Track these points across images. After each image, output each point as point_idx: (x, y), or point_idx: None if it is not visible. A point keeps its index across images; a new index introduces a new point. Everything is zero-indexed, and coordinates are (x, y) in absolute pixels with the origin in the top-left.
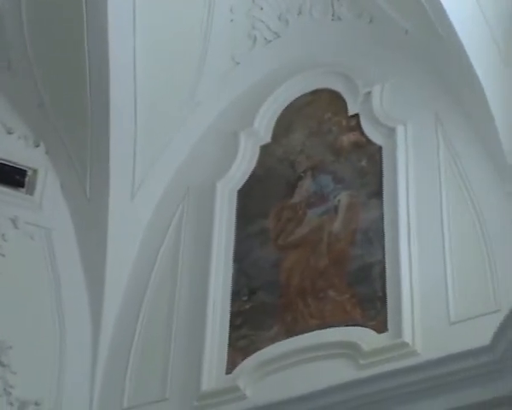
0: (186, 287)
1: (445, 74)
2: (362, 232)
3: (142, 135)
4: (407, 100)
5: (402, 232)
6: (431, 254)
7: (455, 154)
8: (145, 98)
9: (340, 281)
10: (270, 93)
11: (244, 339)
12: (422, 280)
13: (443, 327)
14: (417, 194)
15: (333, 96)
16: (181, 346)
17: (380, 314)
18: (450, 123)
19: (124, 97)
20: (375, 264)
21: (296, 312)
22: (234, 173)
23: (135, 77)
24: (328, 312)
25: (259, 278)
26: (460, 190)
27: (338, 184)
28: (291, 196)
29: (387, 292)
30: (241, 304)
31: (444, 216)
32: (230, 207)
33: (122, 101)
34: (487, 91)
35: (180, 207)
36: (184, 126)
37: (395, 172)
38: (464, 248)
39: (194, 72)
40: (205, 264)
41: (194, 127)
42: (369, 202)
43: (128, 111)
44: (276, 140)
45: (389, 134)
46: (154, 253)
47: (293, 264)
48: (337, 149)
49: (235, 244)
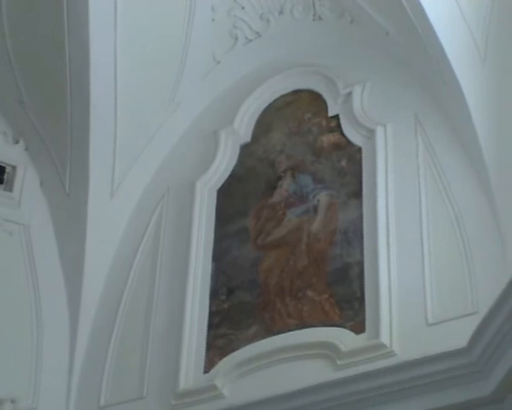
0: (165, 286)
1: (425, 76)
2: (341, 233)
3: (123, 134)
4: (387, 101)
5: (381, 233)
6: (409, 256)
7: (434, 155)
8: (125, 97)
9: (319, 281)
10: (251, 92)
11: (222, 338)
12: (400, 281)
13: (420, 329)
14: (396, 195)
15: (313, 97)
16: (159, 344)
17: (358, 315)
18: (430, 124)
19: (104, 96)
20: (353, 264)
21: (274, 311)
22: (213, 173)
23: (115, 75)
24: (306, 312)
25: (238, 278)
26: (439, 191)
27: (318, 184)
28: (271, 196)
29: (366, 293)
30: (219, 303)
31: (422, 217)
32: (210, 206)
33: (102, 99)
34: (466, 92)
35: (159, 206)
36: (165, 126)
37: (374, 173)
38: (442, 249)
39: (175, 71)
40: (184, 263)
41: (175, 127)
42: (348, 203)
43: (108, 110)
44: (256, 140)
45: (369, 135)
46: (132, 252)
47: (272, 264)
48: (317, 149)
49: (215, 243)
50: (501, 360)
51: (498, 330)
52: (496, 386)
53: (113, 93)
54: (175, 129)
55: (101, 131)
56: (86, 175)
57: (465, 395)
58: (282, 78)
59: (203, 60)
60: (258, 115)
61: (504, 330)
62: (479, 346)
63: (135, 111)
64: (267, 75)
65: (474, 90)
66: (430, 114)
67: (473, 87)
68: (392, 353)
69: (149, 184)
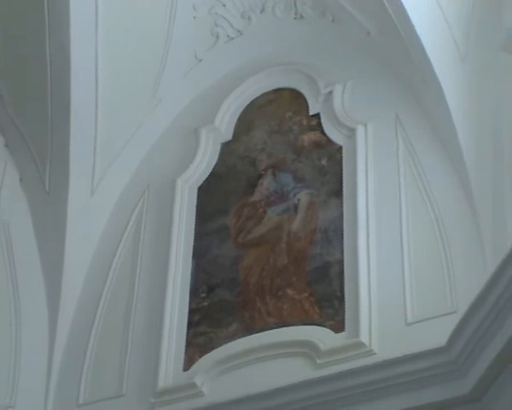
0: (145, 283)
1: (406, 75)
2: (321, 231)
3: (103, 131)
4: (368, 100)
5: (361, 232)
6: (389, 255)
7: (414, 154)
8: (106, 94)
9: (299, 280)
10: (232, 91)
11: (202, 336)
12: (380, 280)
13: (400, 328)
14: (377, 194)
15: (294, 96)
16: (138, 342)
17: (337, 314)
18: (410, 123)
19: (85, 92)
20: (333, 263)
21: (254, 310)
22: (194, 170)
23: (96, 72)
24: (286, 310)
25: (218, 276)
26: (419, 190)
27: (298, 182)
28: (251, 194)
29: (345, 292)
30: (199, 301)
31: (402, 217)
32: (190, 203)
33: (83, 96)
34: (446, 91)
35: (140, 203)
36: (146, 123)
37: (355, 172)
38: (422, 249)
39: (157, 69)
40: (164, 260)
41: (156, 124)
42: (328, 202)
43: (89, 107)
44: (237, 138)
45: (349, 134)
46: (112, 249)
47: (252, 262)
48: (298, 148)
49: (195, 241)
50: (479, 358)
51: (477, 329)
52: (474, 384)
53: (93, 90)
54: (156, 126)
55: (82, 127)
56: (66, 172)
57: (444, 393)
58: (264, 76)
59: (185, 58)
60: (240, 113)
61: (483, 329)
62: (457, 345)
63: (115, 108)
64: (248, 73)
65: (454, 89)
66: (411, 114)
67: (453, 86)
68: (371, 352)
69: (130, 182)
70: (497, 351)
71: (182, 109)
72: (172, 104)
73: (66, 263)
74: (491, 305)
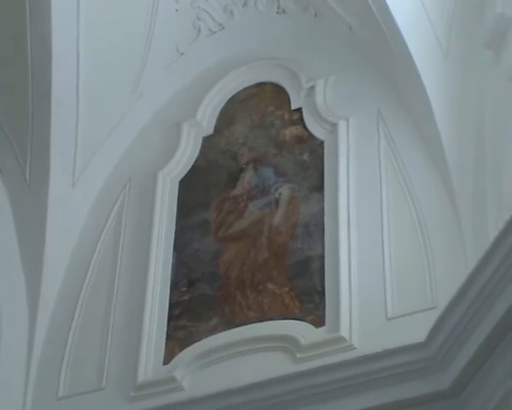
0: (125, 276)
1: (388, 70)
2: (302, 226)
3: (84, 123)
4: (350, 95)
5: (342, 227)
6: (370, 250)
7: (395, 149)
8: (88, 86)
9: (280, 274)
10: (214, 84)
11: (182, 330)
12: (361, 275)
13: (380, 323)
14: (358, 189)
15: (276, 90)
16: (118, 335)
17: (318, 309)
18: (392, 119)
19: (66, 84)
20: (314, 258)
21: (235, 304)
22: (176, 164)
23: (77, 64)
24: (266, 305)
25: (199, 270)
26: (400, 186)
27: (280, 177)
28: (233, 188)
29: (326, 286)
30: (180, 295)
31: (383, 212)
32: (172, 197)
33: (64, 88)
34: (428, 87)
35: (121, 196)
36: (127, 116)
37: (336, 167)
38: (403, 244)
39: (138, 62)
40: (145, 254)
41: (137, 117)
42: (310, 196)
43: (70, 99)
44: (218, 132)
45: (331, 129)
46: (93, 242)
47: (232, 256)
48: (279, 142)
49: (176, 235)
50: (458, 354)
51: (456, 324)
52: (453, 380)
53: (74, 82)
54: (137, 120)
55: (63, 119)
56: (47, 164)
57: (423, 388)
58: (246, 70)
59: (166, 51)
60: (221, 107)
61: (462, 324)
62: (437, 340)
63: (97, 101)
64: (231, 67)
65: (436, 85)
66: (393, 109)
67: (435, 82)
68: (351, 346)
69: (111, 175)
70: (476, 347)
71: (164, 103)
72: (154, 98)
73: (47, 256)
74: (470, 301)
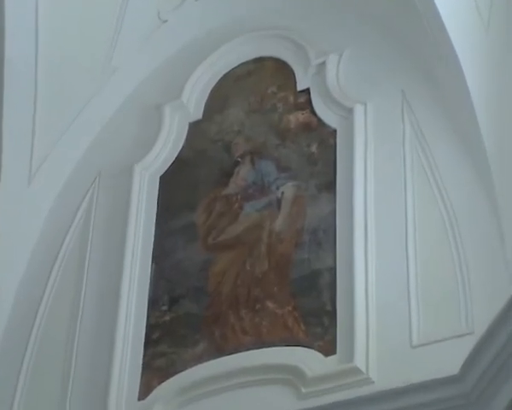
0: (93, 291)
1: (416, 45)
2: (309, 232)
3: (44, 105)
4: (368, 74)
5: (357, 234)
6: (392, 262)
7: (424, 141)
8: (49, 60)
9: (282, 290)
10: (204, 59)
11: (162, 358)
12: (380, 293)
13: (403, 351)
14: (377, 188)
15: (279, 67)
16: (84, 363)
17: (327, 333)
18: (420, 104)
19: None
20: (323, 271)
21: (227, 326)
22: (156, 156)
23: (36, 34)
24: (265, 327)
25: (183, 284)
26: (429, 184)
27: (282, 172)
28: (225, 186)
29: (338, 306)
30: (159, 315)
31: (408, 216)
32: (150, 196)
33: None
34: (465, 66)
35: (89, 194)
36: (97, 97)
37: (351, 161)
38: (432, 255)
39: (112, 30)
40: (117, 264)
41: (110, 98)
42: (319, 196)
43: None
44: (208, 117)
45: (345, 115)
46: (55, 248)
47: (224, 268)
48: (282, 130)
49: (155, 242)
50: (500, 390)
51: (497, 354)
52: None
53: (33, 56)
54: (110, 101)
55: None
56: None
57: None
58: (242, 42)
59: (145, 17)
60: (212, 87)
61: (504, 354)
62: (473, 373)
63: (60, 78)
64: (223, 39)
65: (474, 64)
66: (420, 92)
67: (473, 61)
68: (368, 380)
69: (76, 168)
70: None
71: (141, 81)
72: (130, 74)
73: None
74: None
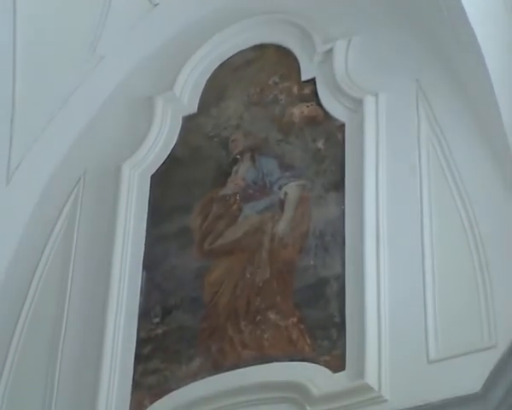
0: (78, 304)
1: (432, 30)
2: (315, 236)
3: (23, 98)
4: (380, 62)
5: (368, 238)
6: (406, 269)
7: (441, 135)
8: (29, 49)
9: (285, 300)
10: (199, 47)
11: (154, 375)
12: (394, 303)
13: (419, 367)
14: (390, 187)
15: (281, 54)
16: (69, 383)
17: (336, 347)
18: (436, 93)
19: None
20: (331, 279)
21: (225, 340)
22: (146, 153)
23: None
24: (267, 341)
25: (177, 294)
26: (447, 183)
27: (285, 171)
28: (222, 186)
29: (347, 317)
30: (151, 328)
31: (424, 218)
32: (141, 197)
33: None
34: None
35: (73, 195)
36: (82, 88)
37: (361, 158)
38: (451, 261)
39: (98, 14)
40: (104, 273)
41: (95, 90)
42: (326, 197)
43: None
44: (204, 110)
45: (355, 107)
46: (35, 255)
47: (222, 276)
48: (285, 124)
49: (146, 247)
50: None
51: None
52: None
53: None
54: (95, 93)
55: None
56: None
57: None
58: (240, 28)
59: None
60: (208, 78)
61: None
62: (497, 391)
63: (41, 68)
64: (220, 24)
65: (496, 50)
66: (437, 81)
67: (495, 46)
68: (380, 398)
69: (59, 167)
70: None
71: (130, 71)
72: (118, 63)
73: None
74: None
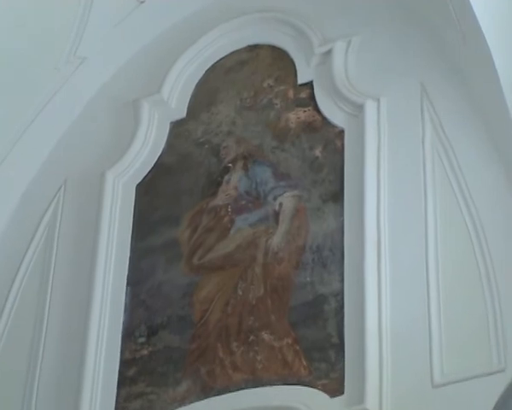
0: (57, 322)
1: (437, 30)
2: (312, 251)
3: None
4: (381, 64)
5: (369, 253)
6: (409, 285)
7: (447, 142)
8: (4, 48)
9: (280, 320)
10: (187, 47)
11: (139, 399)
12: (396, 323)
13: (423, 391)
14: (392, 198)
15: (276, 56)
16: (47, 405)
17: (334, 370)
18: (441, 97)
19: None
20: (329, 296)
21: (215, 362)
22: (131, 161)
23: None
24: (260, 363)
25: (164, 312)
26: (453, 193)
27: (280, 180)
28: (213, 196)
29: (346, 338)
30: (136, 348)
31: (429, 232)
32: (125, 207)
33: None
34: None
35: (53, 205)
36: (62, 92)
37: (362, 167)
38: (457, 278)
39: (79, 13)
40: (86, 288)
41: (77, 93)
42: (323, 208)
43: None
44: (193, 115)
45: (355, 112)
46: (11, 271)
47: (212, 293)
48: (280, 130)
49: (131, 262)
50: None
51: None
52: None
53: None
54: (77, 96)
55: None
56: None
57: None
58: (233, 27)
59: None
60: (198, 81)
61: None
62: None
63: (18, 70)
64: (211, 23)
65: (505, 50)
66: (443, 85)
67: (504, 46)
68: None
69: (38, 175)
70: None
71: (114, 72)
72: (101, 65)
73: None
74: None
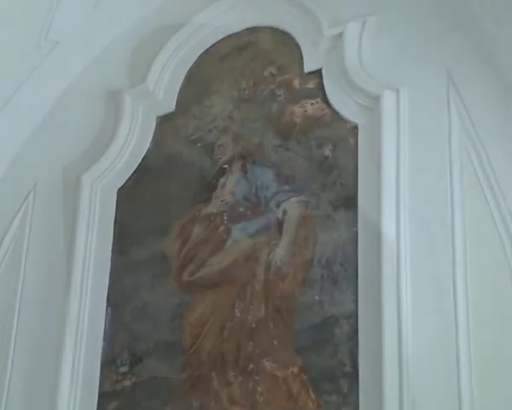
0: (26, 346)
1: (465, 7)
2: (321, 265)
3: None
4: (401, 49)
5: (386, 268)
6: (434, 306)
7: (476, 137)
8: None
9: (284, 345)
10: (177, 29)
11: None
12: (418, 349)
13: None
14: (413, 204)
15: (280, 40)
16: None
17: (346, 403)
18: (470, 87)
19: None
20: (340, 318)
21: (209, 394)
22: (112, 162)
23: None
24: (261, 395)
25: (150, 337)
26: (484, 197)
27: (284, 184)
28: (206, 202)
29: (360, 366)
30: (117, 379)
31: (456, 242)
32: (105, 215)
33: None
34: None
35: (21, 212)
36: (31, 81)
37: (378, 167)
38: (489, 297)
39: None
40: (59, 310)
41: (48, 83)
42: (334, 216)
43: None
44: (183, 108)
45: (371, 105)
46: None
47: (206, 315)
48: (284, 126)
49: (111, 278)
50: None
51: None
52: None
53: None
54: (48, 86)
55: None
56: None
57: None
58: (229, 6)
59: None
60: (189, 69)
61: None
62: None
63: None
64: (203, 2)
65: None
66: (472, 73)
67: None
68: None
69: (4, 178)
70: None
71: (91, 59)
72: (76, 50)
73: None
74: None
